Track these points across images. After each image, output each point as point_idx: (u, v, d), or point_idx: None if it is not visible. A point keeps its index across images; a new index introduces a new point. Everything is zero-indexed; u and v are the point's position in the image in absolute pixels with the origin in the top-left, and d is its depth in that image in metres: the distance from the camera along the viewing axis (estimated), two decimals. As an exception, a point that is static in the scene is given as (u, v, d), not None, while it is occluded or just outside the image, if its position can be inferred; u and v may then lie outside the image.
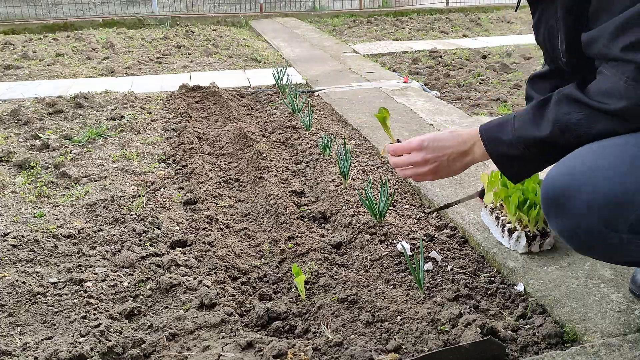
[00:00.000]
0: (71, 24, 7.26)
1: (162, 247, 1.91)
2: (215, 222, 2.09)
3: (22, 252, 1.85)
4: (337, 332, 1.43)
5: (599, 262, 1.66)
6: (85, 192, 2.37)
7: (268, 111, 3.61)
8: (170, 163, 2.73)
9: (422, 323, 1.45)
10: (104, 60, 5.19)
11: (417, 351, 1.35)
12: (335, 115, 3.41)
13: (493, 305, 1.55)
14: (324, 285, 1.65)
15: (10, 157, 2.72)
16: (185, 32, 6.73)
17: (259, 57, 5.26)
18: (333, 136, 2.93)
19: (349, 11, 8.70)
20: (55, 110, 3.47)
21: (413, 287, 1.64)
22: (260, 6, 8.41)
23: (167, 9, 8.12)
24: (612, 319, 1.41)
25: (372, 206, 1.99)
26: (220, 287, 1.66)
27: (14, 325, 1.51)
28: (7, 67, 4.76)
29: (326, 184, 2.38)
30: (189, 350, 1.40)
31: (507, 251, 1.75)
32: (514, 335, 1.41)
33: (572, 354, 1.29)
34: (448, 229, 1.97)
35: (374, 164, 2.59)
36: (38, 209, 2.21)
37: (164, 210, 2.19)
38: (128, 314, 1.55)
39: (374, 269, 1.77)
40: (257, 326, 1.53)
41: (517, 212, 1.72)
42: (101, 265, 1.79)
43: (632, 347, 1.29)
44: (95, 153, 2.85)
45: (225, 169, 2.73)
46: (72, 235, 1.99)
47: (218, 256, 1.83)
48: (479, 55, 5.17)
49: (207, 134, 3.18)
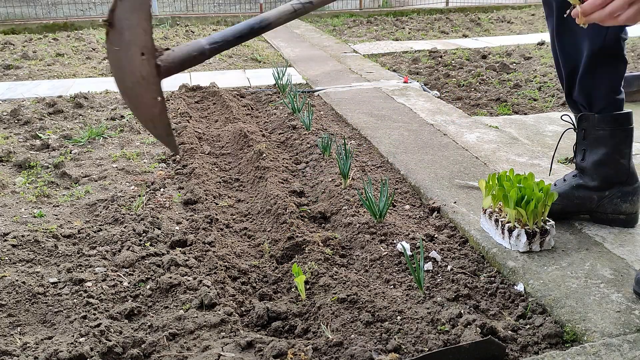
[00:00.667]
0: (71, 23, 7.26)
1: (162, 247, 1.91)
2: (215, 222, 2.09)
3: (22, 252, 1.85)
4: (337, 332, 1.43)
5: (599, 262, 1.66)
6: (85, 192, 2.37)
7: (268, 111, 3.61)
8: (170, 163, 2.73)
9: (422, 323, 1.45)
10: (104, 60, 5.20)
11: (417, 351, 1.35)
12: (335, 115, 3.41)
13: (493, 305, 1.55)
14: (324, 285, 1.65)
15: (10, 157, 2.72)
16: (185, 32, 6.74)
17: (259, 57, 5.26)
18: (333, 136, 2.93)
19: (349, 11, 8.70)
20: (55, 110, 3.47)
21: (413, 287, 1.64)
22: (260, 6, 8.41)
23: (167, 9, 8.12)
24: (612, 319, 1.41)
25: (372, 206, 1.99)
26: (220, 287, 1.67)
27: (14, 325, 1.51)
28: (7, 67, 4.76)
29: (326, 183, 2.38)
30: (189, 350, 1.40)
31: (508, 251, 1.75)
32: (514, 335, 1.41)
33: (572, 354, 1.29)
34: (448, 229, 1.97)
35: (374, 164, 2.59)
36: (38, 209, 2.21)
37: (164, 210, 2.20)
38: (128, 314, 1.55)
39: (374, 269, 1.77)
40: (257, 326, 1.53)
41: (516, 209, 1.71)
42: (101, 265, 1.79)
43: (632, 347, 1.29)
44: (95, 153, 2.85)
45: (225, 169, 2.74)
46: (72, 235, 1.99)
47: (218, 256, 1.83)
48: (479, 55, 5.17)
49: (207, 134, 3.18)
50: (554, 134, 2.84)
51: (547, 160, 2.49)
